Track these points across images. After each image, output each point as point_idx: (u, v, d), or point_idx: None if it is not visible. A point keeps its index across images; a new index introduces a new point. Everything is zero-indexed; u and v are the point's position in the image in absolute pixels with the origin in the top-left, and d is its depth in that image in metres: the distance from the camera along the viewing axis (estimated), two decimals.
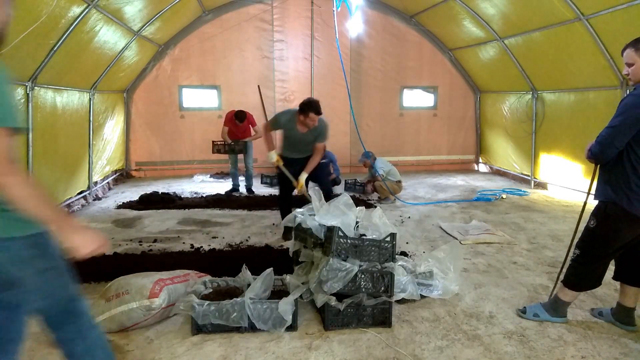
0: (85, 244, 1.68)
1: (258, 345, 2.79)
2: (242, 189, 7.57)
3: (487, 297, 3.49)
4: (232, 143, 7.21)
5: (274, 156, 4.79)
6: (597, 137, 2.73)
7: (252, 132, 7.42)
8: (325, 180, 5.18)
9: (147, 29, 7.24)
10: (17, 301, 1.79)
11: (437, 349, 2.77)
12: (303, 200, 4.43)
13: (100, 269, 3.86)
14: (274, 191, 7.61)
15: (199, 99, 9.23)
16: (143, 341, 2.84)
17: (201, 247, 4.64)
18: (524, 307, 3.21)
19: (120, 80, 8.03)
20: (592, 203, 2.94)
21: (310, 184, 4.81)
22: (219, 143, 7.31)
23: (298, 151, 4.85)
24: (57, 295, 1.81)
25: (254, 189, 7.56)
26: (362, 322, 3.01)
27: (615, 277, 3.04)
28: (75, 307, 1.88)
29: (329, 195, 3.87)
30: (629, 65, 2.68)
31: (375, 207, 5.40)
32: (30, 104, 4.91)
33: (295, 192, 4.79)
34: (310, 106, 4.56)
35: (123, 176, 8.75)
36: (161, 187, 7.76)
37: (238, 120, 7.09)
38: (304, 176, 4.69)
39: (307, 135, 4.73)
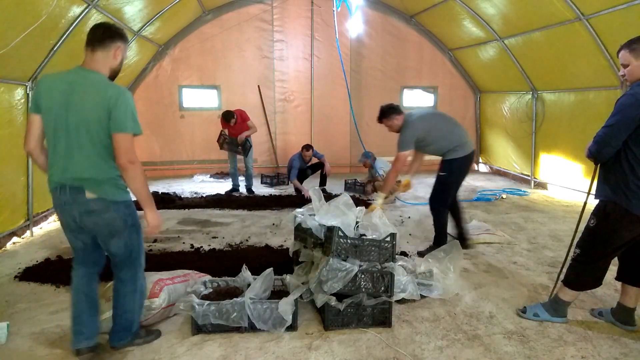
0: (154, 221, 2.51)
1: (258, 345, 2.79)
2: (242, 189, 7.56)
3: (487, 297, 3.49)
4: (233, 140, 7.20)
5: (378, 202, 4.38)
6: (595, 136, 2.74)
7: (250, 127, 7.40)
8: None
9: (147, 29, 7.24)
10: (110, 244, 2.53)
11: (437, 349, 2.77)
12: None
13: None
14: (274, 191, 7.62)
15: (199, 99, 9.24)
16: None
17: (201, 247, 4.64)
18: (524, 307, 3.21)
19: (120, 80, 8.02)
20: (592, 203, 2.94)
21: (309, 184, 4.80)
22: (223, 134, 7.28)
23: None
24: (132, 246, 2.55)
25: (253, 189, 7.55)
26: (362, 322, 3.01)
27: (617, 278, 3.04)
28: (137, 260, 2.61)
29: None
30: (625, 66, 2.69)
31: None
32: (30, 104, 4.91)
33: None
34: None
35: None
36: (161, 187, 7.76)
37: (225, 121, 7.09)
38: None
39: None
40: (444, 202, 4.43)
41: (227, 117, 7.07)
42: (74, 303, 2.58)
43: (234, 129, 7.20)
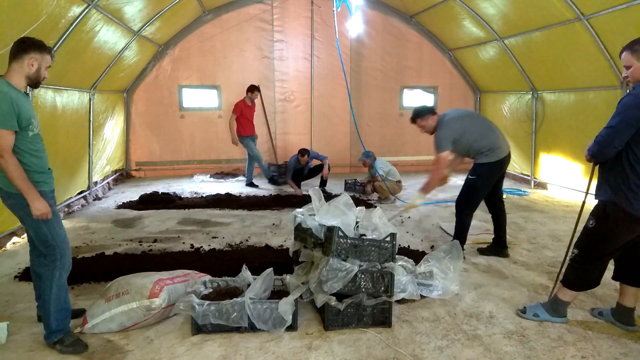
0: (35, 210, 2.60)
1: (258, 345, 2.79)
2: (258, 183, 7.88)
3: (487, 297, 3.49)
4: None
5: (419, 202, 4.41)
6: (596, 137, 2.73)
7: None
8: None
9: (147, 29, 7.24)
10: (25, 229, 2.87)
11: (437, 349, 2.77)
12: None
13: (100, 269, 3.87)
14: (275, 191, 7.62)
15: (199, 99, 9.23)
16: (143, 341, 2.84)
17: (201, 247, 4.64)
18: (524, 307, 3.22)
19: (120, 80, 8.03)
20: (591, 203, 2.94)
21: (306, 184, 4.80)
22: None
23: None
24: (42, 235, 2.72)
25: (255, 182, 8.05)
26: (362, 322, 3.01)
27: (614, 277, 3.04)
28: (52, 252, 2.73)
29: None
30: (627, 67, 2.69)
31: (375, 207, 5.40)
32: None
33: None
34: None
35: (123, 176, 8.75)
36: (161, 187, 7.76)
37: (257, 91, 7.81)
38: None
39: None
40: (471, 206, 4.29)
41: (257, 88, 7.85)
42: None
43: (250, 111, 7.81)
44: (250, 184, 8.05)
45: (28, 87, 2.76)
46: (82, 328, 2.88)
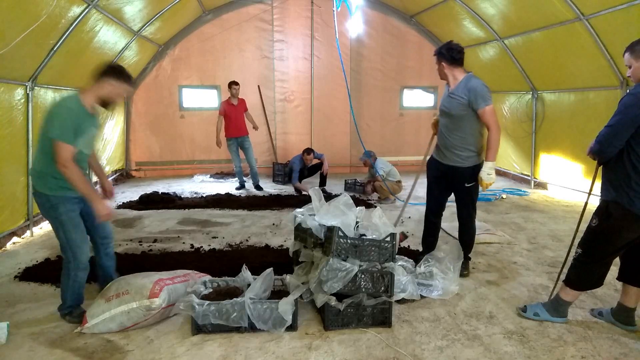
0: (98, 211, 2.85)
1: (258, 345, 2.79)
2: (249, 186, 7.69)
3: (487, 297, 3.49)
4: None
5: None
6: (597, 136, 2.74)
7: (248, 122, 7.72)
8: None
9: (147, 29, 7.24)
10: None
11: (437, 349, 2.77)
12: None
13: None
14: (275, 191, 7.61)
15: (199, 99, 9.23)
16: (143, 341, 2.84)
17: (201, 247, 4.64)
18: (524, 306, 3.22)
19: None
20: (594, 203, 2.95)
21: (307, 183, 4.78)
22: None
23: (443, 141, 3.69)
24: (58, 238, 2.98)
25: (261, 184, 7.75)
26: (362, 322, 3.01)
27: (619, 278, 3.04)
28: (65, 252, 2.97)
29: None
30: (629, 67, 2.71)
31: (375, 207, 5.40)
32: (30, 104, 4.91)
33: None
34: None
35: (123, 176, 8.75)
36: (161, 187, 7.76)
37: (234, 84, 7.41)
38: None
39: (454, 95, 3.57)
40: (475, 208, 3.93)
41: (229, 84, 7.48)
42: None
43: (236, 111, 7.45)
44: (242, 186, 7.83)
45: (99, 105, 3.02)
46: (82, 328, 2.88)
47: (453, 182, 3.76)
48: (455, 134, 3.62)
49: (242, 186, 7.72)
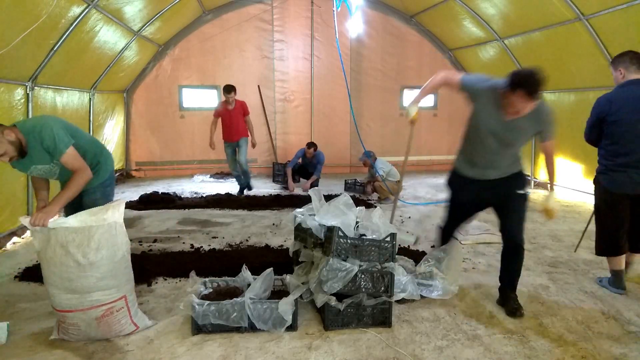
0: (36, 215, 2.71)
1: (258, 345, 2.79)
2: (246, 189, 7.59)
3: (487, 297, 3.49)
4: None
5: (413, 110, 3.40)
6: None
7: (248, 126, 7.30)
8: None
9: (147, 29, 7.24)
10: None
11: (437, 349, 2.77)
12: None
13: None
14: (274, 191, 7.61)
15: (199, 99, 9.23)
16: (143, 341, 2.83)
17: (201, 247, 4.64)
18: (600, 278, 3.74)
19: (120, 80, 8.03)
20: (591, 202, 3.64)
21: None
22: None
23: (491, 162, 3.13)
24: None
25: (251, 184, 7.48)
26: (362, 322, 3.01)
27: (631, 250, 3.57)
28: None
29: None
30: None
31: (375, 207, 5.40)
32: (30, 104, 4.91)
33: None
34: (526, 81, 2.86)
35: (123, 176, 8.75)
36: (161, 187, 7.76)
37: (226, 92, 6.69)
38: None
39: (518, 126, 2.95)
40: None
41: (228, 88, 6.70)
42: None
43: (231, 115, 6.87)
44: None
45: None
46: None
47: (505, 191, 3.22)
48: (509, 153, 3.13)
49: (242, 192, 7.54)
